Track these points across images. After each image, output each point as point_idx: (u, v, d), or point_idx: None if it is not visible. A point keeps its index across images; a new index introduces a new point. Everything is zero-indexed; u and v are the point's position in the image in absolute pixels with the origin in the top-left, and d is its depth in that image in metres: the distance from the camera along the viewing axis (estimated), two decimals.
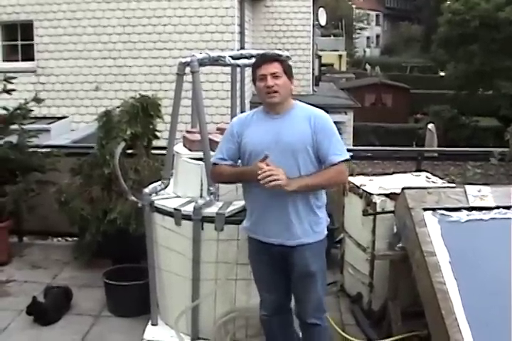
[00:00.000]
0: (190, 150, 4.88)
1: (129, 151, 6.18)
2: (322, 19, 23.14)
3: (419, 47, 52.68)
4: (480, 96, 29.48)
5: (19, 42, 15.17)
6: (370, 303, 5.25)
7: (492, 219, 4.45)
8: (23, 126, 7.06)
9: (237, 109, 5.65)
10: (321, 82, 24.48)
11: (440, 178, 5.74)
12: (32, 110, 7.14)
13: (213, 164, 4.00)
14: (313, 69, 20.26)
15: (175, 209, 4.54)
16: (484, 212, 4.47)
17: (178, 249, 4.61)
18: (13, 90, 7.06)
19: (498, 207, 4.49)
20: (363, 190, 5.24)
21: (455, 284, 4.03)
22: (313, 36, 20.23)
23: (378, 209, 5.05)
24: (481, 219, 4.44)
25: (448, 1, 31.71)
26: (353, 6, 57.37)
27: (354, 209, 5.43)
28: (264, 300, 4.11)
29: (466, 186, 4.63)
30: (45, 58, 14.79)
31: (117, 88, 14.54)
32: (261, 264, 4.04)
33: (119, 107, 6.23)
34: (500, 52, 25.71)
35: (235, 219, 4.40)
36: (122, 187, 5.40)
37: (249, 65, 4.95)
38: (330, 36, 43.88)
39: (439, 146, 17.46)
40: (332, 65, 39.61)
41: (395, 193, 4.94)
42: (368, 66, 47.01)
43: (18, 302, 5.57)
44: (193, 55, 4.53)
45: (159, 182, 4.97)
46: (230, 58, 4.72)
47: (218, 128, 5.15)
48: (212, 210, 4.45)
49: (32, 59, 14.92)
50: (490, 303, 3.98)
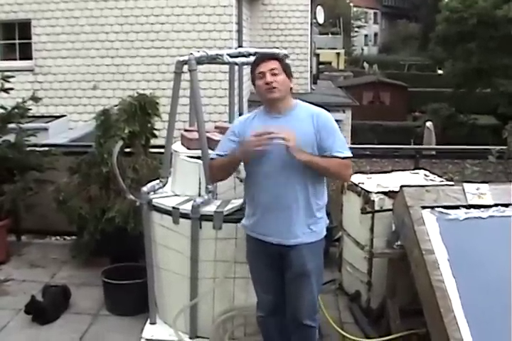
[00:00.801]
0: (189, 148, 4.87)
1: (127, 150, 6.18)
2: (320, 17, 23.11)
3: (417, 45, 52.61)
4: (478, 94, 29.45)
5: (17, 41, 15.13)
6: (368, 301, 5.26)
7: (490, 217, 4.44)
8: (21, 125, 7.06)
9: (235, 108, 5.65)
10: (319, 80, 24.49)
11: (438, 176, 5.74)
12: (30, 109, 7.13)
13: (210, 159, 4.00)
14: (311, 67, 20.23)
15: (173, 208, 4.54)
16: (483, 209, 4.47)
17: (176, 248, 4.60)
18: (11, 89, 7.04)
19: (496, 205, 4.49)
20: (361, 188, 5.24)
21: (454, 282, 4.02)
22: (311, 34, 20.20)
23: (376, 208, 5.06)
24: (479, 217, 4.43)
25: None
26: (351, 4, 57.30)
27: (352, 208, 5.43)
28: (262, 300, 4.11)
29: (465, 184, 4.63)
30: (43, 57, 14.76)
31: (115, 87, 14.52)
32: (259, 264, 4.03)
33: (117, 106, 6.22)
34: (498, 50, 25.68)
35: (233, 217, 4.40)
36: (120, 186, 5.40)
37: (248, 63, 4.97)
38: (328, 34, 43.83)
39: (437, 144, 17.44)
40: (330, 63, 39.62)
41: (393, 191, 4.94)
42: (366, 64, 47.00)
43: (16, 301, 5.57)
44: (191, 54, 4.53)
45: (157, 180, 4.97)
46: (228, 56, 4.71)
47: (216, 127, 5.15)
48: (210, 209, 4.46)
49: (30, 58, 14.89)
50: (489, 301, 3.98)
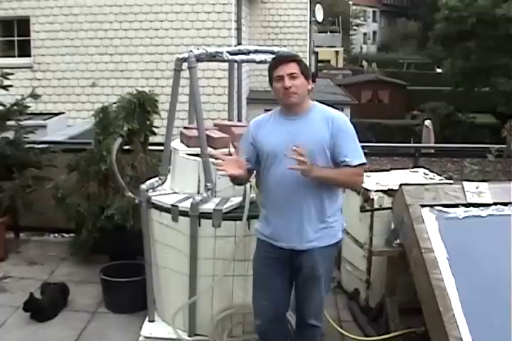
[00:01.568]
0: (188, 146, 4.86)
1: (126, 147, 6.15)
2: (319, 15, 23.15)
3: (416, 43, 52.60)
4: (477, 93, 29.46)
5: (16, 38, 15.17)
6: (367, 300, 5.25)
7: (490, 215, 4.43)
8: (20, 122, 7.05)
9: (234, 105, 5.64)
10: (318, 78, 24.51)
11: (438, 175, 5.74)
12: (28, 106, 7.13)
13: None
14: (309, 65, 20.24)
15: (172, 206, 4.53)
16: (482, 208, 4.46)
17: (175, 246, 4.60)
18: (10, 86, 7.04)
19: (495, 204, 4.48)
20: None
21: (453, 281, 4.02)
22: (309, 32, 20.24)
23: (376, 206, 5.06)
24: (478, 216, 4.42)
25: None
26: (350, 3, 57.30)
27: (352, 206, 5.42)
28: (261, 308, 4.02)
29: (464, 182, 4.62)
30: (41, 54, 14.79)
31: (114, 84, 14.55)
32: (267, 270, 3.94)
33: (115, 103, 6.21)
34: (497, 49, 25.71)
35: (232, 215, 4.39)
36: (119, 183, 5.39)
37: (247, 61, 4.97)
38: (327, 32, 43.90)
39: (435, 143, 17.44)
40: (329, 61, 39.73)
41: (392, 189, 4.94)
42: (365, 62, 47.02)
43: (14, 299, 5.55)
44: (191, 51, 4.52)
45: (156, 178, 4.96)
46: (228, 54, 4.69)
47: (215, 124, 5.14)
48: (209, 206, 4.44)
49: (28, 55, 14.92)
50: (488, 300, 3.98)
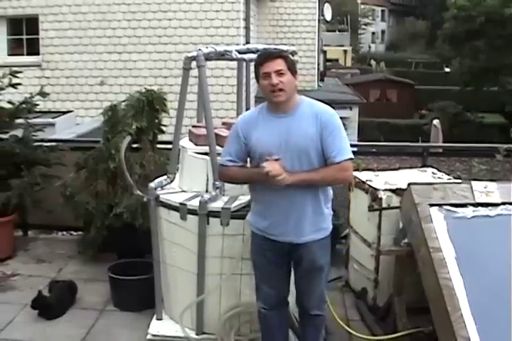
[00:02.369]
0: (196, 144, 4.86)
1: (135, 145, 6.17)
2: (327, 14, 23.11)
3: (425, 43, 52.49)
4: (485, 93, 29.33)
5: (24, 37, 15.19)
6: (375, 299, 5.25)
7: (498, 215, 4.43)
8: (29, 120, 7.08)
9: (243, 104, 5.64)
10: (326, 77, 24.47)
11: (446, 174, 5.73)
12: (37, 104, 7.14)
13: (221, 165, 3.95)
14: (318, 64, 20.24)
15: (180, 204, 4.53)
16: (490, 208, 4.46)
17: (183, 244, 4.60)
18: (19, 84, 7.05)
19: (504, 203, 4.48)
20: (369, 186, 5.23)
21: (461, 280, 4.02)
22: (318, 31, 20.19)
23: (384, 205, 5.05)
24: (487, 215, 4.42)
25: None
26: (359, 2, 57.24)
27: (360, 205, 5.42)
28: (264, 293, 4.09)
29: (472, 182, 4.62)
30: (50, 52, 14.80)
31: (122, 82, 14.56)
32: (264, 261, 4.00)
33: (124, 101, 6.22)
34: (506, 49, 25.60)
35: (240, 213, 4.38)
36: (128, 182, 5.40)
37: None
38: (335, 31, 43.80)
39: (444, 142, 17.40)
40: (337, 60, 39.63)
41: (400, 189, 4.93)
42: (373, 62, 46.93)
43: (22, 296, 5.58)
44: (200, 49, 4.52)
45: (165, 176, 4.97)
46: (237, 53, 4.70)
47: (224, 123, 5.14)
48: (217, 205, 4.45)
49: (37, 53, 14.94)
50: (496, 299, 3.97)
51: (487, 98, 29.58)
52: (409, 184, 4.61)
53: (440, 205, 4.42)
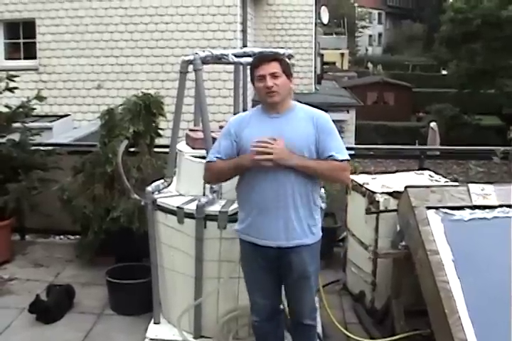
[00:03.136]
0: (193, 148, 4.87)
1: (132, 149, 6.16)
2: (324, 17, 23.10)
3: (422, 45, 52.64)
4: (482, 95, 29.42)
5: (21, 41, 15.19)
6: (372, 302, 5.25)
7: (495, 217, 4.44)
8: (26, 124, 7.07)
9: (240, 107, 5.65)
10: (323, 80, 24.48)
11: (443, 177, 5.73)
12: (34, 108, 7.13)
13: (208, 162, 3.90)
14: (315, 67, 20.24)
15: (178, 208, 4.54)
16: (487, 210, 4.47)
17: (180, 247, 4.60)
18: (16, 88, 7.05)
19: (501, 206, 4.49)
20: (366, 189, 5.24)
21: (458, 283, 4.02)
22: (315, 34, 20.20)
23: (381, 208, 5.05)
24: (484, 218, 4.43)
25: (450, 0, 31.68)
26: (355, 5, 57.32)
27: (357, 208, 5.43)
28: (257, 305, 4.06)
29: (470, 184, 4.62)
30: (47, 56, 14.80)
31: (119, 86, 14.56)
32: (255, 267, 3.96)
33: (121, 105, 6.22)
34: (503, 51, 25.67)
35: (237, 217, 4.38)
36: (125, 186, 5.40)
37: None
38: (332, 34, 43.82)
39: (441, 145, 17.43)
40: (334, 63, 39.66)
41: (398, 192, 4.93)
42: (370, 64, 46.99)
43: (20, 301, 5.57)
44: (196, 53, 4.52)
45: (162, 180, 4.96)
46: (233, 56, 4.70)
47: (221, 127, 5.11)
48: (215, 208, 4.45)
49: (34, 57, 14.94)
50: (493, 302, 3.98)
51: (484, 100, 29.67)
52: (406, 187, 4.62)
53: (437, 208, 4.42)
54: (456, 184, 5.23)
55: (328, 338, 4.84)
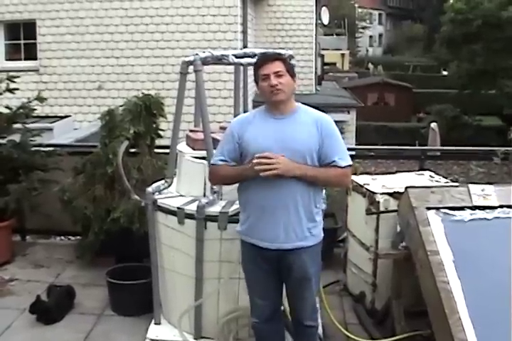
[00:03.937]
0: (194, 149, 4.87)
1: (132, 150, 6.17)
2: (325, 18, 23.12)
3: (422, 46, 52.63)
4: (483, 96, 29.42)
5: (22, 42, 15.20)
6: (373, 302, 5.25)
7: (495, 218, 4.44)
8: (26, 125, 7.08)
9: (240, 108, 5.65)
10: (324, 81, 24.50)
11: (443, 177, 5.73)
12: (35, 109, 7.14)
13: (213, 165, 3.91)
14: (315, 68, 20.23)
15: (178, 208, 4.54)
16: (488, 211, 4.47)
17: (181, 248, 4.61)
18: (16, 89, 7.05)
19: (501, 206, 4.49)
20: (367, 189, 5.24)
21: (458, 283, 4.02)
22: (315, 35, 20.20)
23: (381, 208, 5.05)
24: (484, 218, 4.43)
25: (451, 0, 31.68)
26: (356, 5, 57.33)
27: (357, 208, 5.43)
28: (257, 307, 4.06)
29: (470, 185, 4.62)
30: (47, 57, 14.81)
31: (120, 87, 14.57)
32: (256, 269, 3.97)
33: (122, 106, 6.23)
34: (503, 52, 25.68)
35: (238, 218, 4.37)
36: (125, 186, 5.40)
37: (253, 64, 4.97)
38: (332, 35, 43.85)
39: (441, 145, 17.42)
40: (335, 64, 39.65)
41: (398, 192, 4.94)
42: (371, 65, 46.98)
43: (20, 301, 5.58)
44: (197, 54, 4.52)
45: (162, 181, 4.96)
46: (234, 57, 4.70)
47: (221, 127, 5.14)
48: (215, 209, 4.45)
49: (35, 58, 14.95)
50: (494, 302, 3.98)
51: (485, 101, 29.66)
52: (407, 187, 4.62)
53: (437, 208, 4.42)
54: (456, 184, 5.23)
55: (329, 339, 4.84)
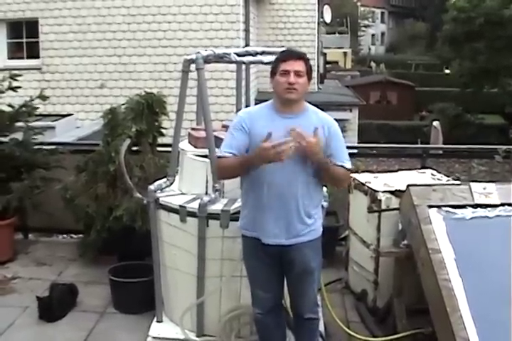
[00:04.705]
0: (196, 147, 4.87)
1: (135, 148, 6.18)
2: (327, 16, 23.11)
3: (424, 44, 52.51)
4: (485, 94, 29.34)
5: (24, 40, 15.20)
6: (374, 300, 5.26)
7: (497, 216, 4.44)
8: (29, 124, 7.08)
9: (242, 107, 5.65)
10: (326, 79, 24.51)
11: (445, 176, 5.74)
12: (37, 107, 7.15)
13: (219, 157, 3.85)
14: (318, 66, 20.23)
15: (180, 206, 4.55)
16: (489, 209, 4.47)
17: (183, 246, 4.61)
18: (19, 87, 7.06)
19: (503, 205, 4.49)
20: (368, 187, 5.24)
21: (460, 281, 4.02)
22: (318, 33, 20.20)
23: (383, 207, 5.06)
24: (486, 217, 4.43)
25: None
26: (358, 4, 57.25)
27: (359, 206, 5.43)
28: (259, 298, 4.09)
29: (471, 183, 4.63)
30: (50, 56, 14.81)
31: (122, 85, 14.56)
32: (256, 263, 4.00)
33: (124, 104, 6.23)
34: (506, 50, 25.57)
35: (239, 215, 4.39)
36: (127, 184, 5.41)
37: (255, 62, 4.99)
38: (335, 33, 43.76)
39: (444, 144, 17.42)
40: (337, 62, 39.63)
41: (400, 190, 4.94)
42: (373, 63, 46.97)
43: (23, 299, 5.60)
44: (198, 52, 4.53)
45: (164, 179, 4.97)
46: (236, 55, 4.70)
47: (223, 126, 5.14)
48: (217, 207, 4.46)
49: (37, 56, 14.95)
50: (495, 300, 3.98)
51: (487, 99, 29.62)
52: (409, 185, 4.62)
53: (439, 207, 4.43)
54: (458, 183, 5.24)
55: (330, 336, 4.84)
